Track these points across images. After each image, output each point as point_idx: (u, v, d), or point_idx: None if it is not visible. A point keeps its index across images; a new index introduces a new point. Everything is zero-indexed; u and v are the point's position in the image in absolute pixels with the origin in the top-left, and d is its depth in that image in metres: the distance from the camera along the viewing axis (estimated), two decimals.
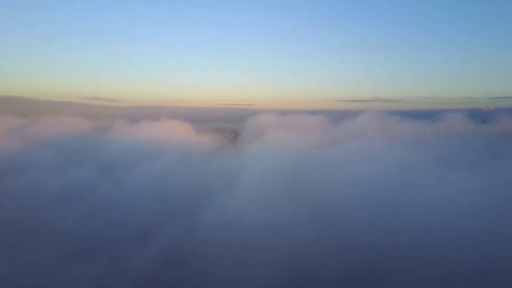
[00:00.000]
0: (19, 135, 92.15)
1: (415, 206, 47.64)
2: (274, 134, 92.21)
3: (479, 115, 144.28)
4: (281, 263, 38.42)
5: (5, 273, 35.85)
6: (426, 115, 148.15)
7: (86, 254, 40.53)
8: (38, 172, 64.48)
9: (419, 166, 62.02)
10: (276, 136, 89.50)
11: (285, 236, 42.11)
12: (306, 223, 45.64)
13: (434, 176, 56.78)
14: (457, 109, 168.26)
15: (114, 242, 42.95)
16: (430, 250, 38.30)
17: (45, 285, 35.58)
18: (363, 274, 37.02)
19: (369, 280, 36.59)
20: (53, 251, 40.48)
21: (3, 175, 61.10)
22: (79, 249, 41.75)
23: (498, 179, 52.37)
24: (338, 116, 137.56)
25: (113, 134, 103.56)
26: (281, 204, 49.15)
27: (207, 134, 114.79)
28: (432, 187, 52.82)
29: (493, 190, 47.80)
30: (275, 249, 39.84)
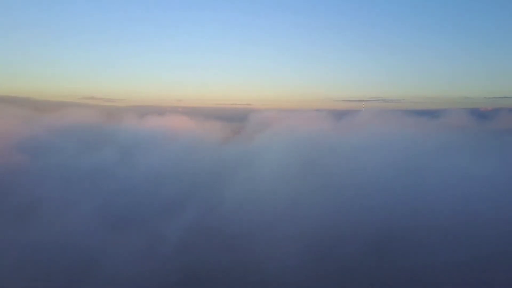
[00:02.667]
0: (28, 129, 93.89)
1: (413, 191, 49.78)
2: (277, 127, 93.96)
3: (477, 114, 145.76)
4: (299, 236, 40.43)
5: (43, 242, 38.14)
6: (424, 114, 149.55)
7: (119, 225, 43.89)
8: (63, 157, 68.01)
9: (417, 156, 64.15)
10: (279, 129, 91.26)
11: (301, 211, 44.09)
12: (316, 202, 47.72)
13: (433, 166, 58.82)
14: (455, 108, 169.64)
15: (143, 216, 46.00)
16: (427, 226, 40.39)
17: (82, 250, 37.82)
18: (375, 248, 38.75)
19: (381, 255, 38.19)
20: (90, 222, 43.75)
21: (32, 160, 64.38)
22: (112, 221, 44.83)
23: (495, 172, 54.19)
24: (337, 115, 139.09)
25: (125, 126, 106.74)
26: (292, 184, 51.38)
27: (207, 129, 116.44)
28: (430, 175, 54.92)
29: (490, 182, 49.77)
30: (292, 223, 41.83)
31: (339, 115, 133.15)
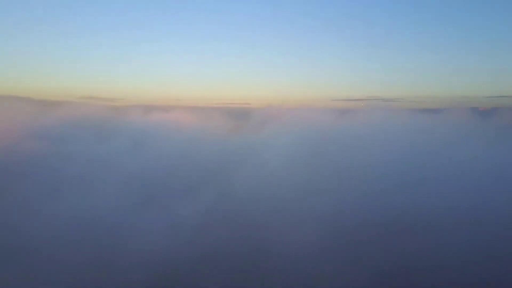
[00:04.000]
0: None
1: (412, 188, 51.05)
2: (277, 124, 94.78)
3: (476, 113, 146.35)
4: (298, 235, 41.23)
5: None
6: (424, 113, 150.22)
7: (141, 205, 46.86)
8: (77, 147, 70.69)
9: (417, 154, 64.98)
10: (280, 126, 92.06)
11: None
12: (317, 201, 48.59)
13: (433, 165, 59.70)
14: (454, 107, 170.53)
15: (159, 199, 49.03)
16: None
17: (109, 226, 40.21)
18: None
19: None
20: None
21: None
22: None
23: (495, 170, 54.95)
24: (337, 114, 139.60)
25: (131, 121, 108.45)
26: (294, 180, 52.39)
27: (209, 126, 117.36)
28: (430, 173, 55.94)
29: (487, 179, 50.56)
30: (293, 221, 42.73)
31: (339, 114, 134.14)
